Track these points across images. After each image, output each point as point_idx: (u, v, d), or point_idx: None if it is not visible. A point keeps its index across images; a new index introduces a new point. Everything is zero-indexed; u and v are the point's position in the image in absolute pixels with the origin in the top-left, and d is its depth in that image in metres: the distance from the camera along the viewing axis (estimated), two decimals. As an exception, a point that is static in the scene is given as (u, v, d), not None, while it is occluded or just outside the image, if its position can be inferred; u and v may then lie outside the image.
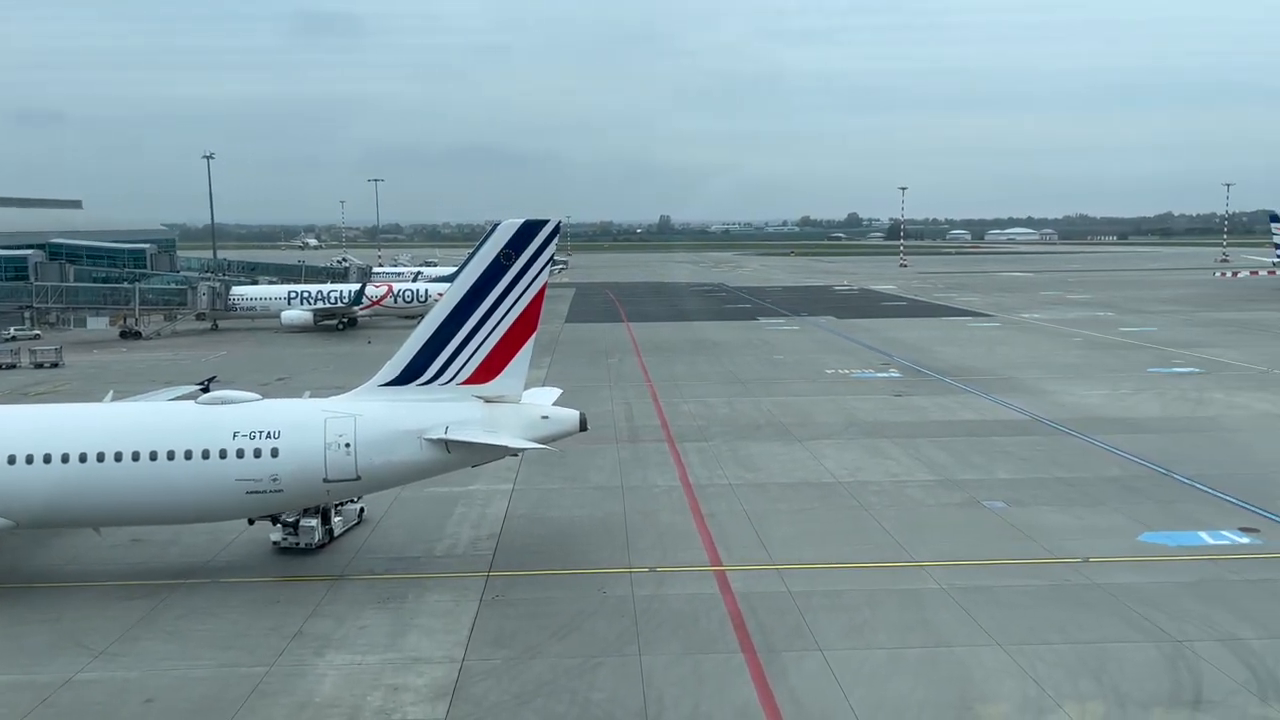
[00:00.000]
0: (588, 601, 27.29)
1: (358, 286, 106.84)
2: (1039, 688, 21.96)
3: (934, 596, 27.30)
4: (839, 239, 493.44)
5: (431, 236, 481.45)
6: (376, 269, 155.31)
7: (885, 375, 66.39)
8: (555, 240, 29.77)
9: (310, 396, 33.35)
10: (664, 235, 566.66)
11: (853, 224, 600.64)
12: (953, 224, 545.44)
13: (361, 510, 34.09)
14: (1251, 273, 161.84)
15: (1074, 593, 27.36)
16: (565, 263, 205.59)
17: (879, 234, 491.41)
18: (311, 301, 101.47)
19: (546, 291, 30.09)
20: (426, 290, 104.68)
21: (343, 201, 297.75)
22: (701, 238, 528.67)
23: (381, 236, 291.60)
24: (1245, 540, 31.31)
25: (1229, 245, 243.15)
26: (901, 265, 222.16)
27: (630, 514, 35.42)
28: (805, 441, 46.42)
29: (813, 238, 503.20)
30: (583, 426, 30.61)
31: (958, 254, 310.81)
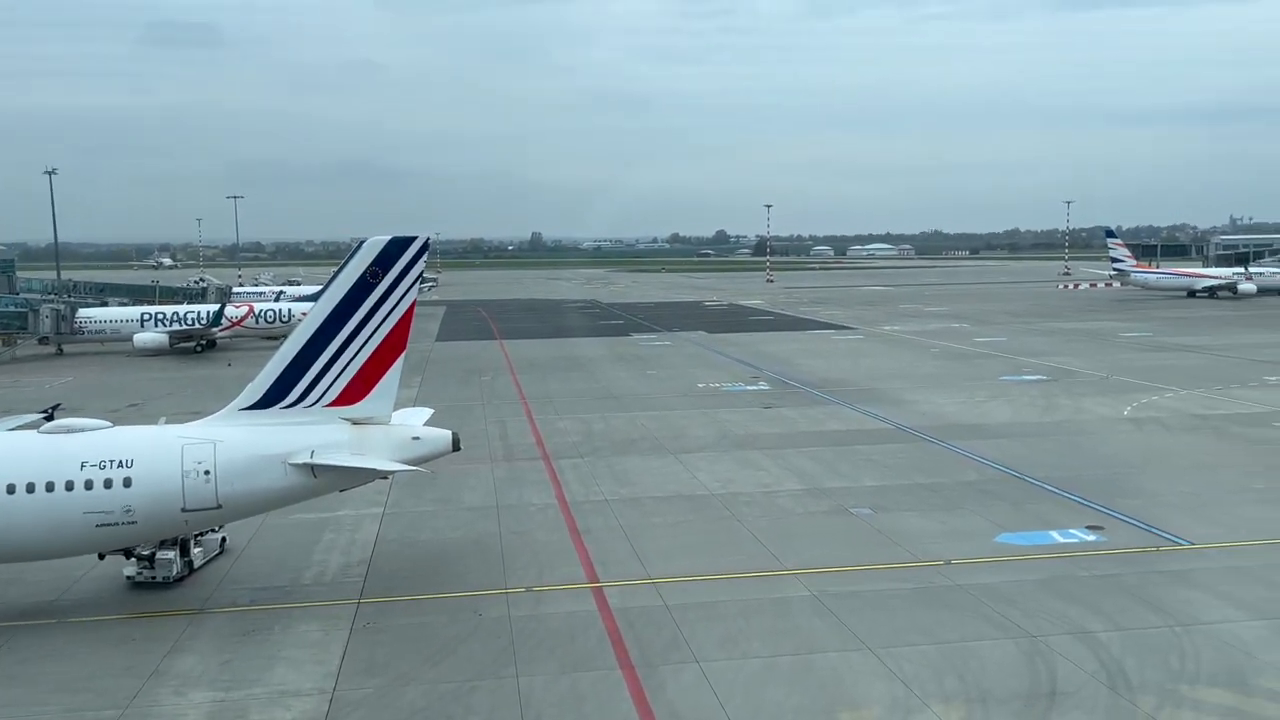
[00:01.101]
0: (463, 625, 26.82)
1: (216, 307, 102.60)
2: (906, 688, 22.68)
3: (805, 603, 27.90)
4: (708, 255, 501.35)
5: (295, 255, 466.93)
6: (236, 289, 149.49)
7: (755, 388, 67.72)
8: (424, 257, 29.27)
9: (166, 423, 31.76)
10: (536, 252, 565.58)
11: (721, 241, 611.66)
12: (816, 240, 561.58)
13: (223, 540, 32.68)
14: (1091, 285, 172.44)
15: (937, 594, 28.40)
16: (435, 280, 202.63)
17: (746, 250, 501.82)
18: (166, 323, 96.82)
19: (416, 310, 29.55)
20: (290, 310, 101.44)
21: (199, 219, 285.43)
22: (573, 255, 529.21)
23: (242, 255, 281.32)
24: (1092, 538, 33.12)
25: (1070, 259, 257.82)
26: (768, 281, 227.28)
27: (506, 534, 35.03)
28: (679, 455, 46.88)
29: (683, 254, 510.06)
30: (455, 447, 30.13)
31: (822, 269, 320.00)
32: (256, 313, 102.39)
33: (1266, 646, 24.34)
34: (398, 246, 28.59)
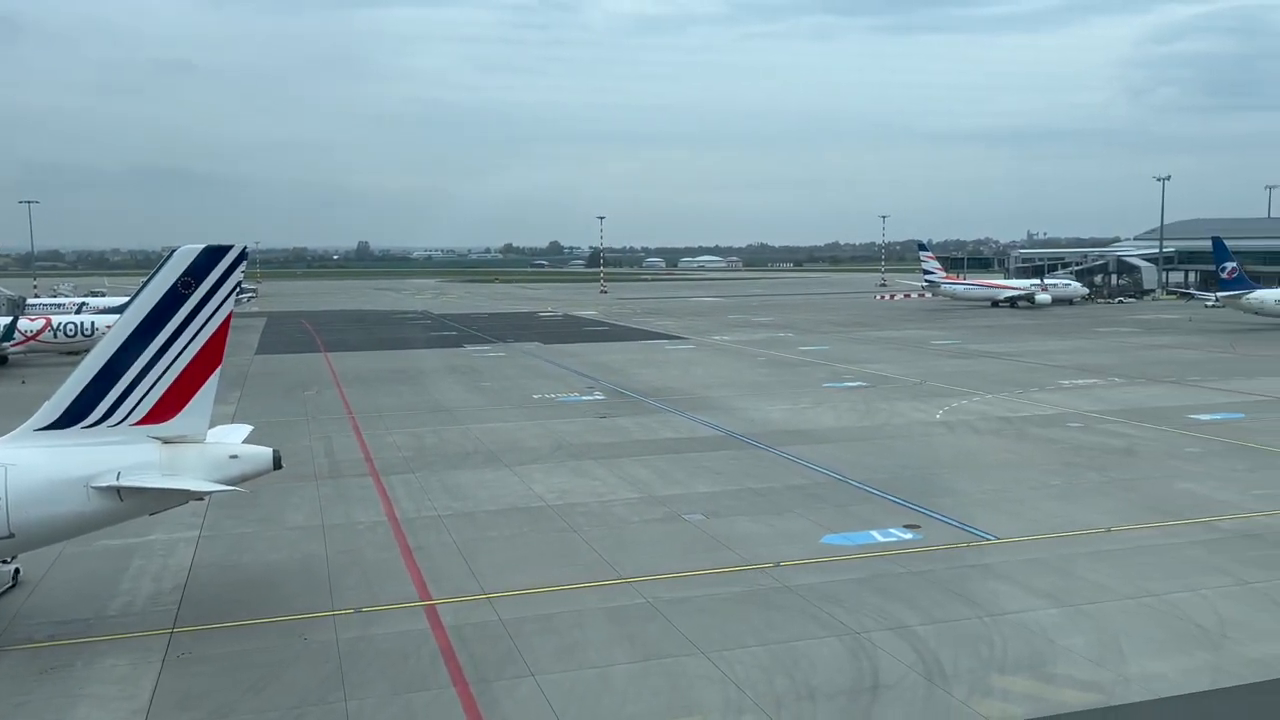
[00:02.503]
0: (287, 650, 25.66)
1: (8, 320, 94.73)
2: (739, 690, 23.17)
3: (640, 610, 28.13)
4: (542, 266, 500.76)
5: (99, 264, 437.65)
6: (32, 300, 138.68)
7: (590, 398, 67.97)
8: (241, 267, 27.89)
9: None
10: (363, 262, 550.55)
11: (555, 252, 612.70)
12: (648, 252, 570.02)
13: (16, 571, 30.12)
14: (905, 295, 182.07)
15: (767, 596, 29.19)
16: (254, 291, 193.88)
17: (580, 261, 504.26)
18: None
19: (233, 322, 28.13)
20: (93, 323, 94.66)
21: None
22: (403, 265, 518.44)
23: (38, 265, 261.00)
24: (909, 536, 34.82)
25: (887, 271, 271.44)
26: (602, 292, 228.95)
27: (333, 554, 33.78)
28: (514, 467, 46.48)
29: (516, 265, 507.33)
30: (277, 464, 28.77)
31: (654, 280, 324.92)
32: (54, 326, 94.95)
33: (1062, 632, 26.19)
34: (212, 256, 27.13)
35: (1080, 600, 28.38)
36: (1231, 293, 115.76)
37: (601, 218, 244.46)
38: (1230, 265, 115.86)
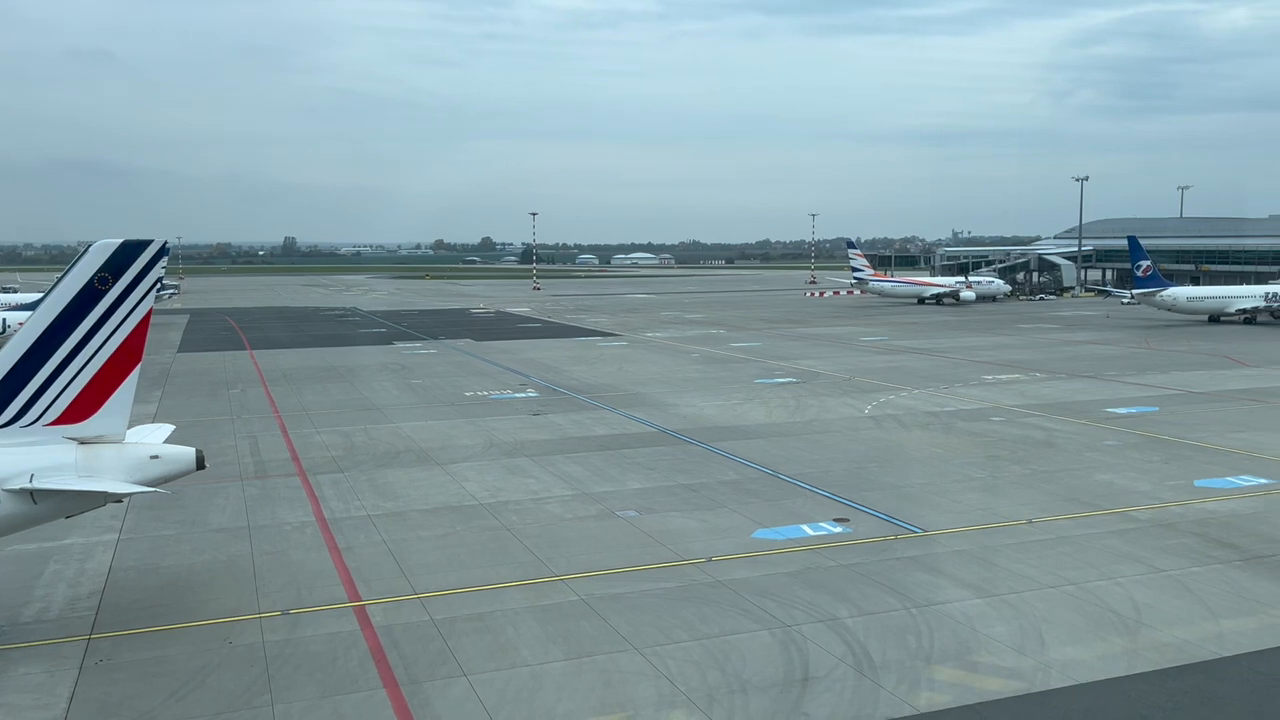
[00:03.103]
0: (212, 655, 25.07)
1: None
2: (671, 685, 23.27)
3: (574, 608, 28.08)
4: (474, 263, 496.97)
5: (11, 259, 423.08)
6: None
7: (523, 395, 67.63)
8: (162, 262, 27.09)
9: None
10: (290, 258, 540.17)
11: (487, 248, 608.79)
12: (581, 248, 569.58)
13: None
14: (835, 293, 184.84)
15: (699, 591, 29.36)
16: (176, 288, 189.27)
17: (513, 258, 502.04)
18: None
19: (154, 319, 27.35)
20: (4, 320, 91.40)
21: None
22: (331, 261, 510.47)
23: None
24: (839, 530, 35.33)
25: (816, 269, 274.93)
26: (535, 288, 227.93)
27: (259, 555, 33.09)
28: (446, 465, 46.04)
29: (448, 261, 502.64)
30: (200, 465, 28.04)
31: (587, 277, 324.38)
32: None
33: (986, 621, 26.81)
34: (131, 250, 26.32)
35: (1003, 590, 29.09)
36: (1146, 290, 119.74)
37: (534, 214, 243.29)
38: (1145, 263, 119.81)
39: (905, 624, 26.73)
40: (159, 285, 27.70)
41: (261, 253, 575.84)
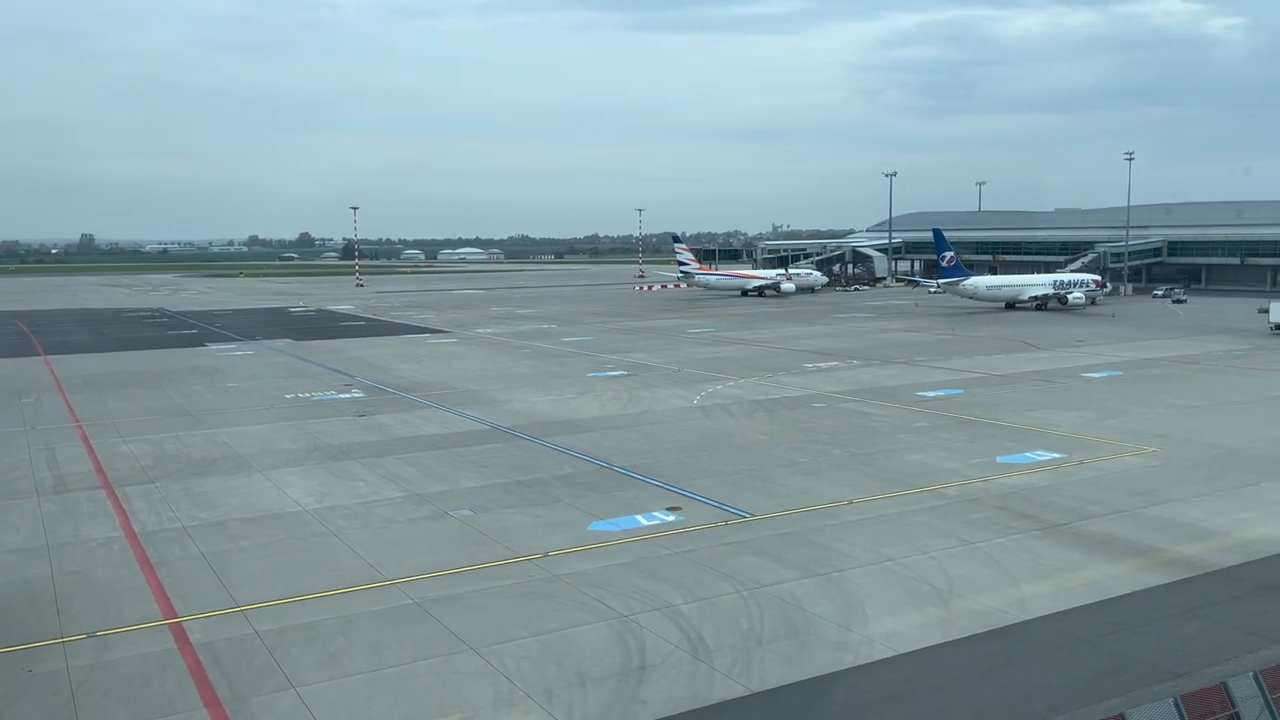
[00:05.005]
0: (10, 684, 23.17)
1: None
2: (510, 682, 23.12)
3: (408, 612, 27.48)
4: (291, 259, 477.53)
5: None
6: None
7: (348, 396, 65.56)
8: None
9: None
10: (88, 256, 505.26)
11: (305, 244, 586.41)
12: (406, 244, 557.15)
13: None
14: (662, 286, 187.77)
15: (537, 587, 29.29)
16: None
17: (333, 254, 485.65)
18: None
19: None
20: None
21: None
22: (135, 259, 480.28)
23: None
24: (671, 518, 35.97)
25: (644, 263, 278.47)
26: (358, 285, 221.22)
27: (60, 576, 30.78)
28: (267, 472, 44.10)
29: (263, 258, 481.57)
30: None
31: (413, 273, 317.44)
32: None
33: (813, 600, 27.93)
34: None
35: (828, 569, 30.36)
36: (950, 279, 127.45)
37: (355, 208, 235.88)
38: (949, 254, 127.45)
39: (737, 607, 27.49)
40: None
41: (55, 251, 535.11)
